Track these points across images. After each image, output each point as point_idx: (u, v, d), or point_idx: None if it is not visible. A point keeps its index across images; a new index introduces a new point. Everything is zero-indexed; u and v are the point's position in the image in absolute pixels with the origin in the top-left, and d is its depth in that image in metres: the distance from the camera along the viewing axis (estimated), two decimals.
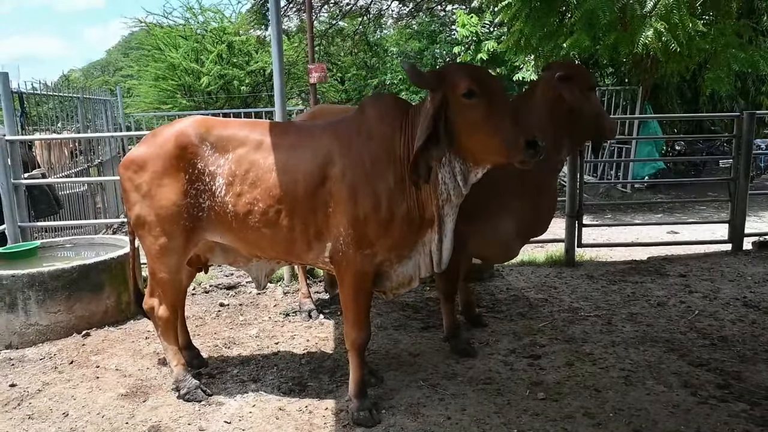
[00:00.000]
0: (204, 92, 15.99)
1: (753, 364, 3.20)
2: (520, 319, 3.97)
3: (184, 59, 15.25)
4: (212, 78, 15.70)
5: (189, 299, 4.60)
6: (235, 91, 16.19)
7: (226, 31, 16.40)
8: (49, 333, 3.76)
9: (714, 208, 7.99)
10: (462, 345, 3.45)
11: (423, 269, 2.74)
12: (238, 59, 16.48)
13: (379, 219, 2.58)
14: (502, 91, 2.49)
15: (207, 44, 15.86)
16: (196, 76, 15.61)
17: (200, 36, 16.31)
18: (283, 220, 2.72)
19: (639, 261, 5.15)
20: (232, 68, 16.04)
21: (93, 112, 7.24)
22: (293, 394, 3.04)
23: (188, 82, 15.60)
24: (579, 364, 3.29)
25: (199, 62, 15.65)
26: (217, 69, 15.78)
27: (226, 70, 16.00)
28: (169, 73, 15.68)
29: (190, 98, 15.87)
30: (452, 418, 2.76)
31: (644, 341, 3.54)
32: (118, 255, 4.05)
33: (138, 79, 17.88)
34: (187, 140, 2.79)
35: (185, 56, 15.38)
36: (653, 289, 4.43)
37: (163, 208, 2.80)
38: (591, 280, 4.69)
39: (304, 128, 2.85)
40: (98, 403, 2.99)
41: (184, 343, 3.32)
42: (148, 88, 16.76)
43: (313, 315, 4.16)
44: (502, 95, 2.45)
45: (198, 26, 16.62)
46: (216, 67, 15.78)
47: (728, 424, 2.64)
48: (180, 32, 16.45)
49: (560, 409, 2.82)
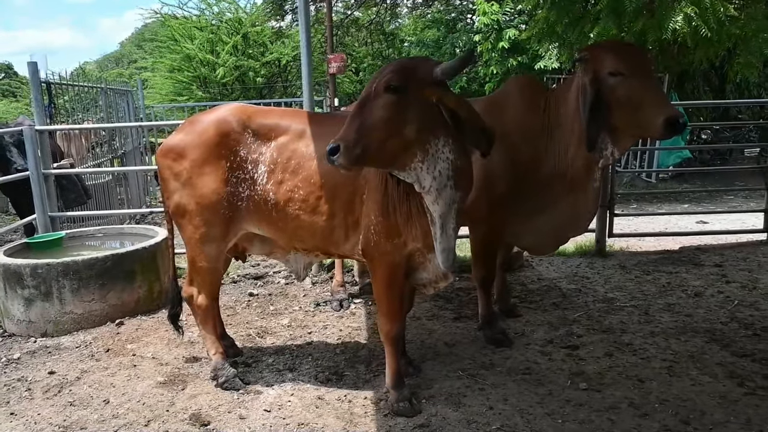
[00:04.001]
0: (219, 84, 16.01)
1: None
2: (554, 310, 3.91)
3: (199, 50, 15.28)
4: (228, 69, 15.72)
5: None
6: (250, 82, 16.19)
7: (241, 22, 16.38)
8: (84, 321, 3.78)
9: (742, 198, 7.84)
10: (497, 335, 3.41)
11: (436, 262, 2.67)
12: (253, 50, 16.48)
13: (406, 207, 2.52)
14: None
15: (222, 35, 15.86)
16: (211, 67, 15.64)
17: (215, 27, 16.32)
18: (322, 207, 2.69)
19: (671, 251, 5.06)
20: (248, 59, 16.05)
21: (115, 103, 7.25)
22: (330, 384, 3.03)
23: (204, 73, 15.64)
24: (619, 354, 3.23)
25: (215, 53, 15.66)
26: (232, 60, 15.79)
27: (241, 61, 16.01)
28: (185, 65, 15.74)
29: (205, 90, 15.90)
30: (494, 408, 2.72)
31: (684, 331, 3.47)
32: (150, 245, 4.05)
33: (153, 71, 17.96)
34: (228, 127, 2.77)
35: (201, 47, 15.41)
36: (689, 279, 4.34)
37: (204, 197, 2.78)
38: (624, 271, 4.61)
39: (344, 118, 2.80)
40: (137, 390, 3.00)
41: (219, 333, 3.31)
42: (164, 80, 16.83)
43: (344, 304, 4.15)
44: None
45: (213, 17, 16.62)
46: (231, 59, 15.79)
47: None
48: (195, 23, 16.47)
49: (603, 399, 2.77)
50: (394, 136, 2.21)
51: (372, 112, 2.19)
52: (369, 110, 2.20)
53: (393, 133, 2.20)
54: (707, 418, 2.59)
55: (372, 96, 2.21)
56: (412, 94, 2.21)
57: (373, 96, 2.21)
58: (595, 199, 3.12)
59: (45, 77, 5.26)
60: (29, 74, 4.55)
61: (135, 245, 4.01)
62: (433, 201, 2.35)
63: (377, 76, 2.25)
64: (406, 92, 2.20)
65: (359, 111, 2.21)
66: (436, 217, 2.40)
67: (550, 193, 3.10)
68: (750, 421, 2.54)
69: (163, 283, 4.18)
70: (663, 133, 2.62)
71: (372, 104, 2.20)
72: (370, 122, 2.18)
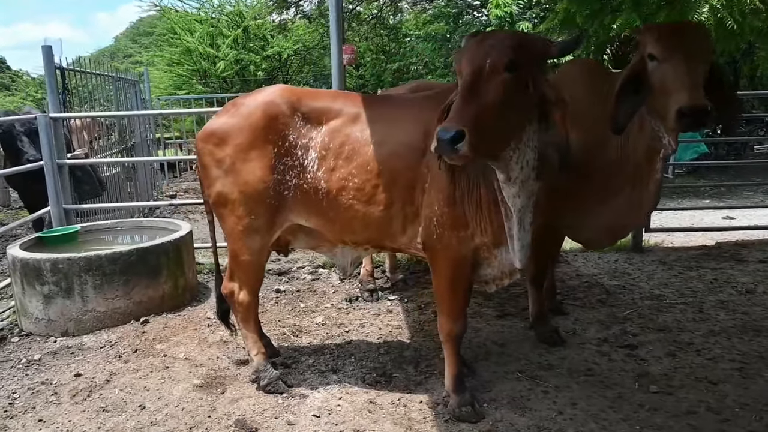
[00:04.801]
0: (220, 77, 15.74)
1: None
2: (601, 307, 3.74)
3: (200, 44, 14.98)
4: (228, 63, 15.46)
5: None
6: (250, 76, 15.93)
7: (242, 15, 16.10)
8: (107, 320, 3.56)
9: (763, 193, 7.72)
10: (550, 333, 3.23)
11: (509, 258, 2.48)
12: (254, 44, 16.22)
13: (476, 197, 2.33)
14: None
15: (223, 28, 15.58)
16: (211, 61, 15.35)
17: (216, 20, 16.02)
18: (379, 196, 2.49)
19: (710, 246, 4.90)
20: (248, 53, 15.78)
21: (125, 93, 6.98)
22: (380, 386, 2.83)
23: (204, 66, 15.34)
24: (682, 354, 3.06)
25: (215, 47, 15.38)
26: (233, 54, 15.53)
27: (242, 55, 15.74)
28: (185, 58, 15.43)
29: (205, 84, 15.62)
30: (564, 413, 2.53)
31: (745, 330, 3.30)
32: (176, 238, 3.83)
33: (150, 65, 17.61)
34: (277, 110, 2.56)
35: (201, 40, 15.11)
36: (736, 276, 4.18)
37: (249, 185, 2.57)
38: (665, 266, 4.45)
39: (401, 100, 2.62)
40: (174, 394, 2.79)
41: None
42: (162, 73, 16.50)
43: (374, 295, 3.98)
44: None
45: (213, 10, 16.32)
46: (232, 52, 15.53)
47: None
48: (195, 16, 16.16)
49: (678, 403, 2.60)
50: (510, 121, 2.00)
51: (490, 94, 1.93)
52: (486, 91, 1.93)
53: (510, 117, 1.99)
54: None
55: (487, 75, 1.95)
56: (527, 74, 2.00)
57: (489, 75, 1.95)
58: (656, 191, 2.93)
59: (59, 63, 5.00)
60: (44, 59, 4.30)
61: (160, 239, 3.78)
62: (515, 194, 2.18)
63: (485, 51, 1.97)
64: (522, 72, 1.98)
65: (472, 92, 1.94)
66: (514, 211, 2.22)
67: (611, 184, 2.91)
68: None
69: (188, 279, 3.96)
70: (674, 125, 2.36)
71: (489, 84, 1.94)
72: (491, 105, 1.93)
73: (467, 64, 2.00)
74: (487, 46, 2.00)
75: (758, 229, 5.26)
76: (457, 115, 1.90)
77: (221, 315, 3.07)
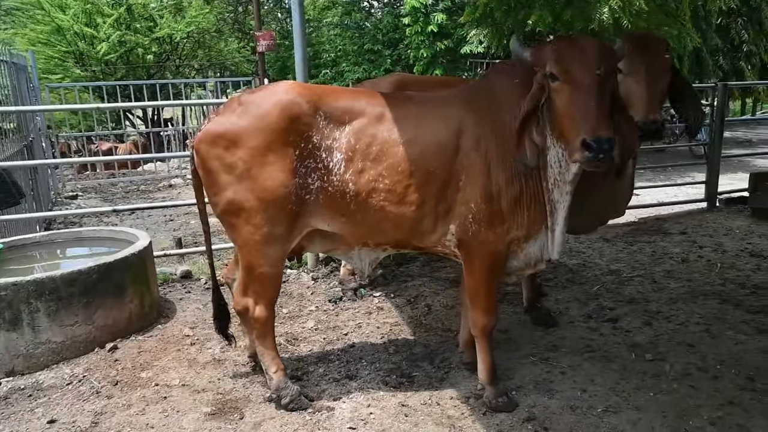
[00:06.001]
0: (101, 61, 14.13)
1: None
2: (571, 285, 4.01)
3: (74, 22, 13.26)
4: (111, 45, 13.91)
5: (207, 294, 4.07)
6: (137, 60, 14.51)
7: None
8: (65, 351, 3.08)
9: (677, 174, 8.40)
10: (544, 316, 3.41)
11: (548, 251, 2.59)
12: (140, 24, 14.76)
13: (513, 192, 2.40)
14: (590, 74, 2.10)
15: (103, 6, 13.95)
16: (89, 41, 13.69)
17: None
18: (412, 196, 2.43)
19: (637, 222, 5.46)
20: (135, 34, 14.34)
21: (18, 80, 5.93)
22: (404, 388, 2.79)
23: (81, 48, 13.62)
24: (656, 323, 3.40)
25: (93, 26, 13.73)
26: (116, 35, 14.00)
27: (127, 36, 14.26)
28: (56, 39, 13.58)
29: (83, 67, 13.92)
30: (587, 390, 2.70)
31: (696, 296, 3.75)
32: (139, 250, 3.41)
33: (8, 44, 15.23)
34: (299, 109, 2.37)
35: (75, 19, 13.38)
36: (668, 248, 4.72)
37: (268, 191, 2.37)
38: (609, 243, 4.88)
39: (427, 99, 2.56)
40: (186, 428, 2.50)
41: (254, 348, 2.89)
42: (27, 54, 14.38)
43: (358, 293, 3.90)
44: (589, 79, 2.10)
45: None
46: (116, 33, 13.99)
47: None
48: None
49: (672, 368, 2.89)
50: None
51: (607, 99, 2.13)
52: (605, 96, 2.12)
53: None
54: (763, 372, 2.82)
55: (602, 79, 2.10)
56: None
57: (605, 79, 2.11)
58: (630, 184, 3.22)
59: None
60: None
61: (123, 251, 3.33)
62: (569, 191, 2.33)
63: (595, 58, 2.10)
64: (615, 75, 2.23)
65: (599, 98, 2.08)
66: (560, 207, 2.34)
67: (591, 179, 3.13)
68: None
69: (153, 294, 3.56)
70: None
71: (606, 89, 2.13)
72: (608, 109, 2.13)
73: (585, 70, 2.07)
74: (596, 52, 2.12)
75: (679, 204, 5.94)
76: (604, 123, 2.04)
77: (221, 330, 2.83)
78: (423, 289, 4.01)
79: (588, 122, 2.02)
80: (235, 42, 17.28)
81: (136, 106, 13.51)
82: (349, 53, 11.21)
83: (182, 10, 14.18)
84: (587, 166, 2.10)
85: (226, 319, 2.85)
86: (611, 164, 2.11)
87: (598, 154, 1.99)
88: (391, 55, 10.94)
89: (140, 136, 11.96)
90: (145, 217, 6.63)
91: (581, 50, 2.11)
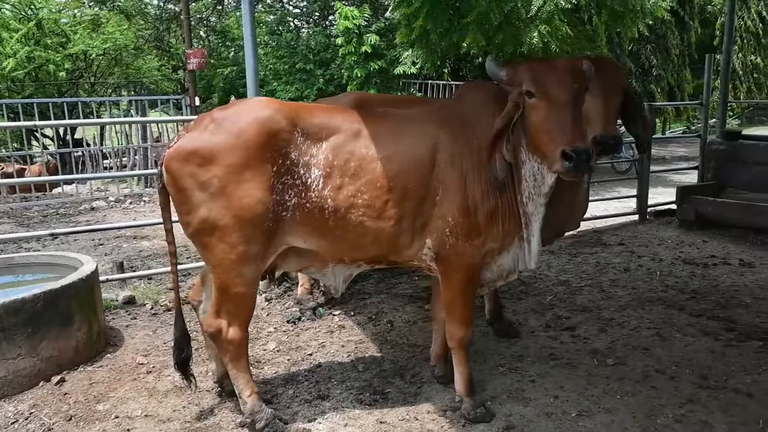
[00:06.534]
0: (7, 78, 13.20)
1: (732, 309, 3.84)
2: (526, 297, 4.15)
3: None
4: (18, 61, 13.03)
5: (155, 319, 3.84)
6: (47, 77, 13.70)
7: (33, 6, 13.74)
8: (6, 387, 2.78)
9: (604, 189, 8.85)
10: (507, 327, 3.50)
11: (521, 263, 2.68)
12: (51, 40, 13.96)
13: (489, 206, 2.48)
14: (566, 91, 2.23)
15: (9, 21, 13.13)
16: None
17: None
18: (390, 212, 2.44)
19: (578, 234, 5.74)
20: (45, 50, 13.55)
21: None
22: (379, 405, 2.76)
23: None
24: (610, 329, 3.57)
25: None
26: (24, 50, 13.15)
27: (37, 52, 13.44)
28: None
29: None
30: (559, 396, 2.79)
31: (642, 302, 3.99)
32: (86, 275, 3.16)
33: None
34: (277, 126, 2.33)
35: None
36: (610, 258, 5.00)
37: (245, 208, 2.29)
38: (554, 255, 5.10)
39: (402, 116, 2.59)
40: None
41: (222, 372, 2.75)
42: None
43: (317, 313, 3.82)
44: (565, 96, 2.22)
45: None
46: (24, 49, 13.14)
47: (759, 359, 3.14)
48: None
49: (634, 371, 3.04)
50: None
51: (580, 114, 2.28)
52: (578, 110, 2.26)
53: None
54: (714, 370, 3.03)
55: (576, 95, 2.23)
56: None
57: (578, 95, 2.24)
58: (585, 198, 3.40)
59: None
60: None
61: (69, 276, 3.08)
62: (542, 203, 2.43)
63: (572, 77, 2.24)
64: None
65: (574, 112, 2.21)
66: (534, 220, 2.43)
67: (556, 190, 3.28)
68: (745, 367, 3.05)
69: (101, 322, 3.31)
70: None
71: (578, 105, 2.26)
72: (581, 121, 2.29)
73: (562, 88, 2.19)
74: (570, 71, 2.26)
75: (614, 217, 6.31)
76: (580, 135, 2.18)
77: (180, 364, 2.63)
78: (382, 306, 4.00)
79: (566, 134, 2.12)
80: (155, 60, 16.77)
81: (47, 125, 12.53)
82: (280, 73, 11.13)
83: (100, 26, 13.58)
84: (566, 176, 2.21)
85: (188, 350, 2.63)
86: (589, 173, 2.24)
87: (577, 164, 2.09)
88: (323, 75, 10.98)
89: (49, 158, 10.99)
90: (71, 242, 6.09)
91: (556, 69, 2.23)
